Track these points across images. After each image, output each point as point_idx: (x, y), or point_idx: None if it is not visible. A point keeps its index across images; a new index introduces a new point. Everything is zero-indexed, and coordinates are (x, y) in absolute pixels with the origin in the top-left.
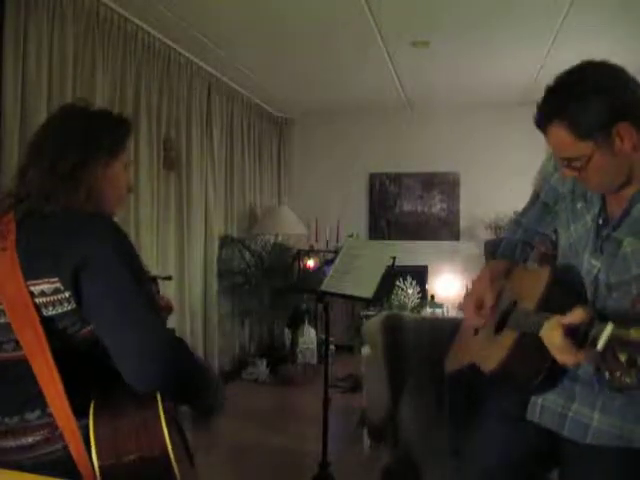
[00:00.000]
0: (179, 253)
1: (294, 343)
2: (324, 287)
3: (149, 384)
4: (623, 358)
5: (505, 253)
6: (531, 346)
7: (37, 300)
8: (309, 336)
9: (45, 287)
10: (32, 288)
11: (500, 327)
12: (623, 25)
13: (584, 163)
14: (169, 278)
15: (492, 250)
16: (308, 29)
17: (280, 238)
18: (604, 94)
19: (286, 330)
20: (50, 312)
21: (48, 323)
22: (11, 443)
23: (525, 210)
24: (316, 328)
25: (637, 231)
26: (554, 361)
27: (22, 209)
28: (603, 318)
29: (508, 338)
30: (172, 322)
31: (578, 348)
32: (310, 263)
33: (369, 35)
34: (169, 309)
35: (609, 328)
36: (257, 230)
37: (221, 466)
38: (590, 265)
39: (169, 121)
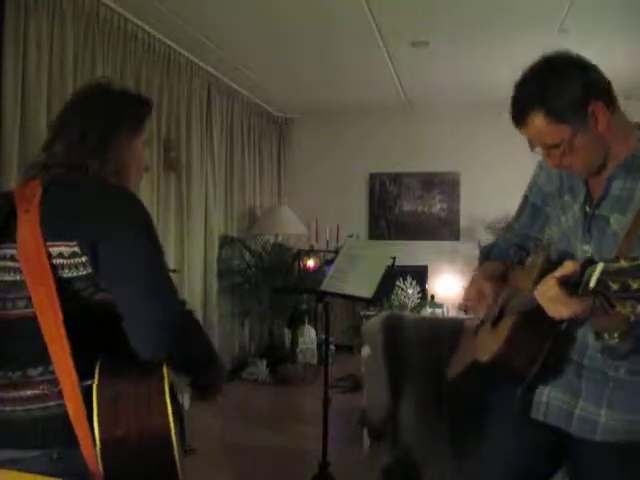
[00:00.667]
0: (179, 253)
1: (294, 343)
2: (324, 287)
3: (157, 351)
4: (616, 286)
5: (498, 256)
6: (528, 325)
7: (54, 261)
8: (309, 336)
9: (63, 249)
10: (51, 249)
11: (498, 321)
12: (623, 25)
13: (567, 147)
14: (174, 271)
15: (485, 254)
16: (308, 29)
17: (280, 238)
18: (573, 75)
19: (286, 330)
20: (66, 274)
21: (63, 284)
22: (10, 394)
23: (517, 215)
24: (316, 328)
25: (621, 208)
26: (553, 340)
27: (48, 177)
28: (594, 263)
29: (505, 326)
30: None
31: (572, 295)
32: (310, 263)
33: (369, 35)
34: None
35: (600, 265)
36: (257, 230)
37: (221, 466)
38: (583, 252)
39: (169, 121)
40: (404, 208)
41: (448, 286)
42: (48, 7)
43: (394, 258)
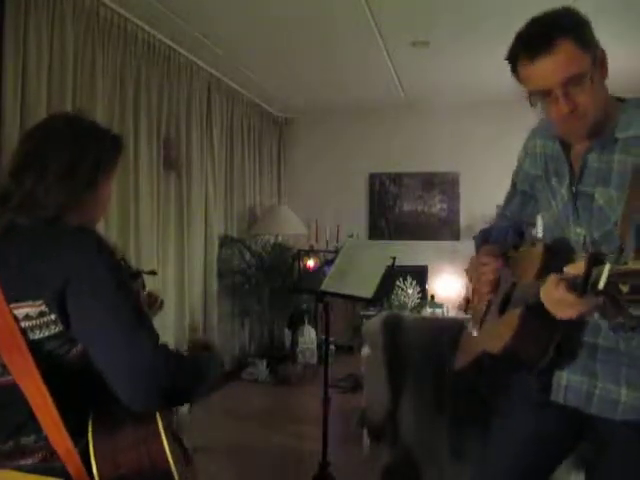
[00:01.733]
0: (179, 253)
1: (294, 343)
2: (324, 287)
3: (143, 404)
4: (626, 289)
5: (495, 240)
6: (537, 319)
7: (22, 324)
8: (309, 336)
9: (29, 310)
10: (16, 312)
11: (503, 309)
12: (623, 25)
13: (589, 81)
14: (153, 273)
15: (483, 237)
16: (308, 29)
17: (280, 238)
18: (586, 22)
19: (286, 330)
20: (37, 335)
21: (36, 346)
22: (8, 465)
23: (506, 202)
24: (316, 328)
25: (602, 180)
26: (564, 329)
27: (3, 221)
28: (600, 263)
29: (512, 317)
30: (172, 322)
31: (579, 297)
32: (310, 263)
33: (369, 35)
34: (160, 305)
35: (607, 266)
36: (257, 230)
37: (221, 466)
38: (576, 235)
39: (169, 121)
40: (404, 208)
41: (448, 286)
42: (48, 7)
43: (394, 258)
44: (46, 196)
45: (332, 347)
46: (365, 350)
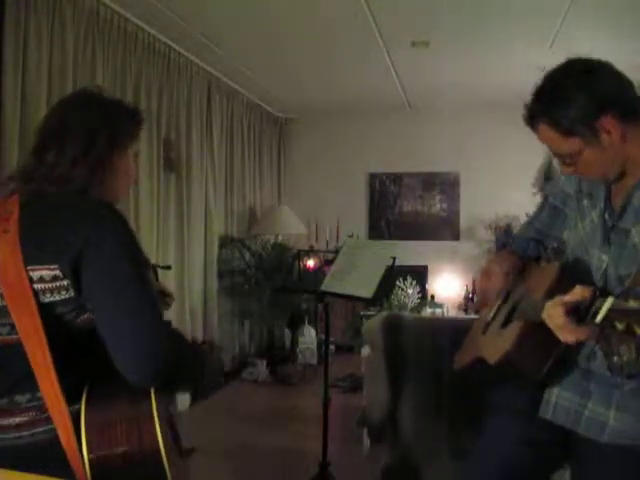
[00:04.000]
0: (179, 253)
1: (294, 343)
2: (324, 287)
3: (143, 379)
4: (621, 327)
5: (517, 248)
6: (536, 334)
7: (36, 286)
8: (309, 336)
9: (44, 273)
10: (32, 273)
11: (508, 321)
12: (623, 25)
13: (576, 158)
14: (168, 267)
15: (503, 241)
16: (308, 29)
17: (280, 238)
18: (584, 89)
19: (286, 330)
20: (48, 298)
21: (46, 309)
22: None
23: (536, 214)
24: (316, 328)
25: None
26: (561, 349)
27: (27, 191)
28: (605, 294)
29: (514, 329)
30: (172, 322)
31: (578, 324)
32: (310, 263)
33: (369, 35)
34: (171, 299)
35: (609, 300)
36: (257, 230)
37: (221, 466)
38: (599, 261)
39: (169, 121)
40: (404, 208)
41: (448, 286)
42: (48, 7)
43: (394, 258)
44: (69, 170)
45: (332, 347)
46: (365, 350)
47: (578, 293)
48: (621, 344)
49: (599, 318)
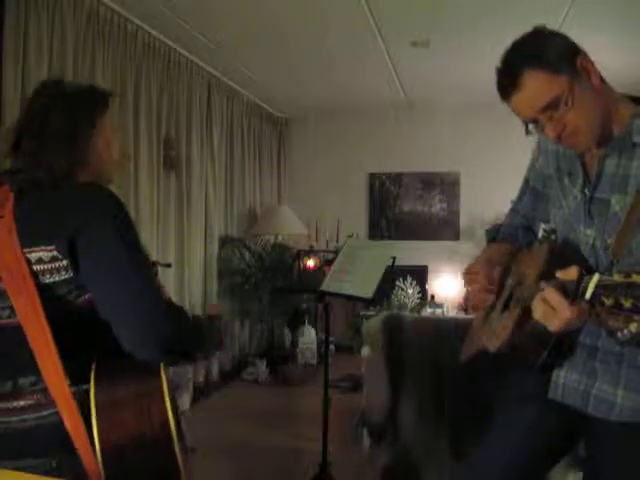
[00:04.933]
0: (179, 253)
1: (294, 343)
2: (324, 287)
3: (149, 352)
4: (609, 302)
5: (505, 237)
6: (532, 320)
7: (35, 267)
8: (309, 336)
9: (42, 254)
10: (29, 255)
11: (506, 308)
12: (623, 25)
13: (568, 100)
14: (168, 265)
15: (493, 235)
16: (308, 29)
17: (280, 238)
18: (554, 35)
19: (286, 330)
20: (48, 279)
21: (45, 290)
22: (2, 405)
23: (519, 198)
24: (316, 328)
25: (619, 187)
26: (560, 334)
27: (18, 180)
28: (591, 273)
29: (512, 315)
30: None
31: (570, 303)
32: (310, 263)
33: (369, 35)
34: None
35: (595, 277)
36: (257, 230)
37: (221, 466)
38: (585, 236)
39: (169, 121)
40: (404, 208)
41: (448, 286)
42: (48, 7)
43: (394, 258)
44: (53, 157)
45: (332, 347)
46: (365, 350)
47: (567, 273)
48: (610, 319)
49: (588, 295)
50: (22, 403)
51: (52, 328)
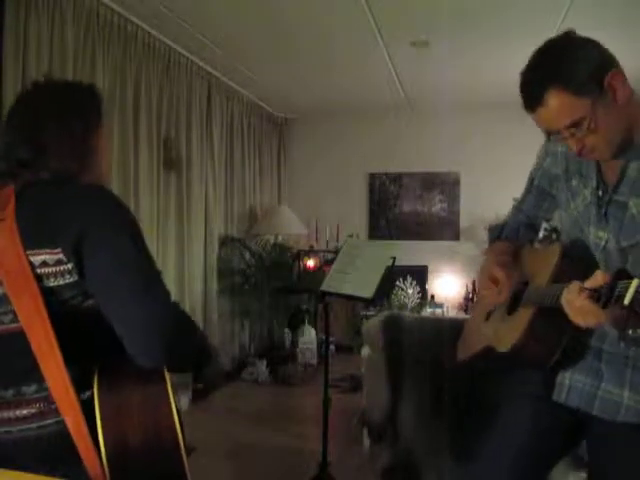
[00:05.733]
0: (179, 253)
1: (294, 343)
2: (324, 287)
3: (152, 358)
4: None
5: (508, 235)
6: (547, 321)
7: (39, 270)
8: (309, 336)
9: (47, 257)
10: (32, 258)
11: (513, 308)
12: (623, 25)
13: (591, 123)
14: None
15: (496, 234)
16: (308, 29)
17: (280, 238)
18: (587, 48)
19: (286, 330)
20: (52, 283)
21: (50, 294)
22: (4, 414)
23: (523, 197)
24: (316, 328)
25: (638, 189)
26: (572, 334)
27: (20, 181)
28: (624, 277)
29: (523, 316)
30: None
31: (602, 308)
32: (310, 263)
33: (369, 35)
34: None
35: (636, 281)
36: (257, 230)
37: (221, 466)
38: (597, 238)
39: (169, 121)
40: (404, 208)
41: (448, 286)
42: (48, 7)
43: (394, 258)
44: (51, 161)
45: (332, 347)
46: (365, 350)
47: (598, 278)
48: None
49: (627, 300)
50: (25, 412)
51: (56, 333)
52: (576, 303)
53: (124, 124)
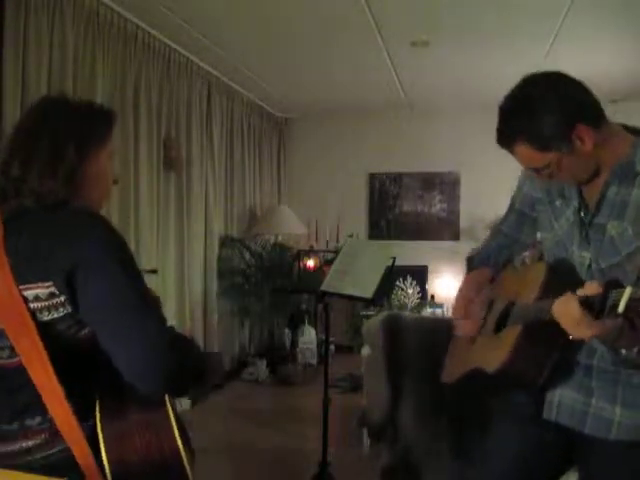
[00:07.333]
0: (179, 253)
1: (294, 343)
2: (324, 287)
3: (151, 386)
4: None
5: (483, 261)
6: (535, 338)
7: (32, 305)
8: (309, 336)
9: (39, 292)
10: (25, 293)
11: (500, 328)
12: (623, 25)
13: (554, 169)
14: (154, 272)
15: (473, 261)
16: (308, 29)
17: (280, 238)
18: (553, 104)
19: (286, 330)
20: (46, 317)
21: (45, 328)
22: (8, 448)
23: (504, 218)
24: (316, 328)
25: (617, 213)
26: (561, 351)
27: (8, 208)
28: (617, 286)
29: (510, 335)
30: (172, 322)
31: (595, 319)
32: (310, 263)
33: (369, 35)
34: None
35: (629, 290)
36: (257, 230)
37: (221, 466)
38: (580, 257)
39: (169, 121)
40: (404, 208)
41: (448, 286)
42: (48, 7)
43: (394, 258)
44: (40, 184)
45: (332, 347)
46: (365, 350)
47: (591, 287)
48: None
49: (621, 308)
50: (30, 443)
51: (55, 365)
52: (571, 314)
53: (124, 124)
